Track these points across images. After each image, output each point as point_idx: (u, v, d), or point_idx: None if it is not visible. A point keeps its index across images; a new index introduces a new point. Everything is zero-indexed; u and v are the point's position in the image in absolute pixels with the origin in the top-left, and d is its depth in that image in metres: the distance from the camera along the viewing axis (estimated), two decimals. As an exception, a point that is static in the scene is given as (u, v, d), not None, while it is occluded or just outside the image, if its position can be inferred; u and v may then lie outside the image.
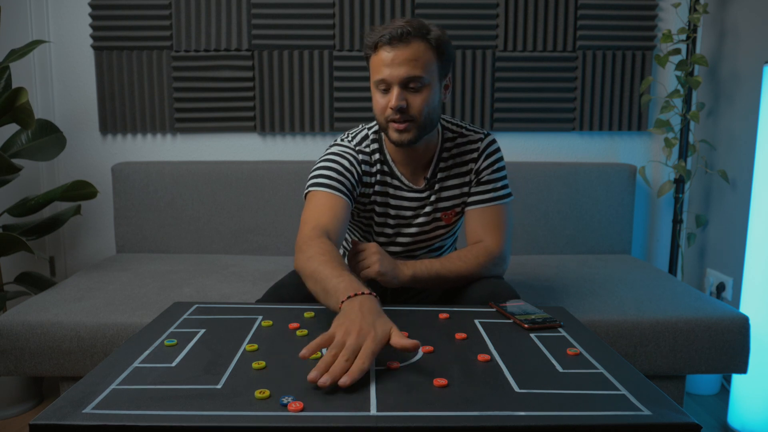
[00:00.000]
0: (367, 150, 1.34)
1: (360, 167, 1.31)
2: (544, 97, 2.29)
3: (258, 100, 2.27)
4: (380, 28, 1.22)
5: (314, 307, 1.19)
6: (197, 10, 2.21)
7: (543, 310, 1.15)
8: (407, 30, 1.18)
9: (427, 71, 1.21)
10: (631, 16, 2.26)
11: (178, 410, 0.74)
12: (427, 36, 1.21)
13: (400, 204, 1.36)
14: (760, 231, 1.71)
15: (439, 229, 1.40)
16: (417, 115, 1.22)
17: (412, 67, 1.19)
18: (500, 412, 0.75)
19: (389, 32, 1.18)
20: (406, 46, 1.18)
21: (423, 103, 1.21)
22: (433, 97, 1.23)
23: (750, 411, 1.73)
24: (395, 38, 1.18)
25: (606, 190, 2.22)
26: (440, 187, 1.35)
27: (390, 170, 1.35)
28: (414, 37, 1.19)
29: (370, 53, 1.24)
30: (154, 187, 2.18)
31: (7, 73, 1.89)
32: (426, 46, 1.20)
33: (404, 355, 0.94)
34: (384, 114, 1.24)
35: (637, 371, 0.89)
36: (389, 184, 1.35)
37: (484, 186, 1.35)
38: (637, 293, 1.73)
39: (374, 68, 1.23)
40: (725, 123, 2.15)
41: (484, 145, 1.36)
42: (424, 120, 1.23)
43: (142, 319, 1.54)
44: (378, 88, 1.23)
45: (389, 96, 1.22)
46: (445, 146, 1.36)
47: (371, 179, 1.34)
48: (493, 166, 1.36)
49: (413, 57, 1.19)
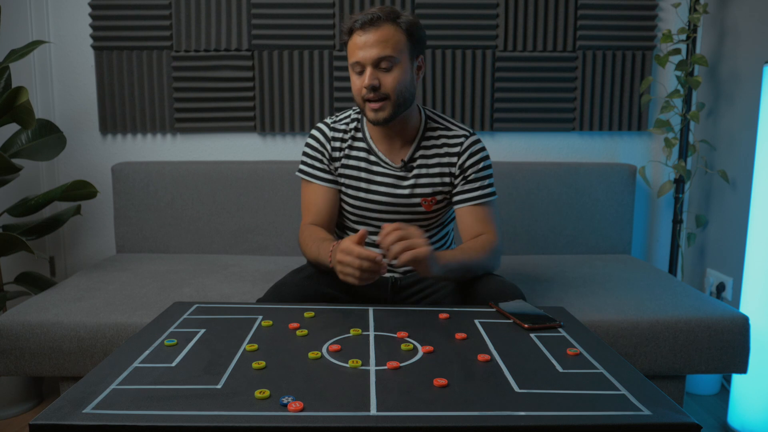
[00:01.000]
0: (341, 127, 1.46)
1: (330, 144, 1.45)
2: (544, 97, 2.29)
3: (258, 100, 2.27)
4: (356, 15, 1.32)
5: (314, 307, 1.19)
6: (197, 10, 2.21)
7: (543, 310, 1.16)
8: (377, 15, 1.29)
9: (397, 51, 1.30)
10: (631, 16, 2.26)
11: (178, 410, 0.74)
12: (397, 20, 1.31)
13: (374, 179, 1.42)
14: (760, 231, 1.71)
15: (419, 214, 1.44)
16: (390, 92, 1.31)
17: (383, 47, 1.29)
18: (500, 412, 0.75)
19: (361, 18, 1.29)
20: (376, 29, 1.29)
21: (395, 81, 1.31)
22: (404, 75, 1.32)
23: (750, 411, 1.73)
24: (366, 23, 1.29)
25: (606, 190, 2.22)
26: (418, 173, 1.42)
27: (368, 146, 1.43)
28: (384, 21, 1.29)
29: (346, 39, 1.34)
30: (154, 187, 2.18)
31: (7, 73, 1.90)
32: (396, 29, 1.30)
33: (404, 355, 0.94)
34: (360, 94, 1.33)
35: (637, 371, 0.89)
36: (364, 159, 1.43)
37: (472, 184, 1.42)
38: (637, 293, 1.73)
39: (350, 52, 1.33)
40: (725, 123, 2.15)
41: (468, 143, 1.43)
42: (397, 97, 1.32)
43: (142, 319, 1.54)
44: (354, 70, 1.33)
45: (363, 76, 1.31)
46: (427, 134, 1.44)
47: (340, 153, 1.44)
48: (479, 165, 1.42)
49: (383, 38, 1.29)
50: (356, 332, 1.04)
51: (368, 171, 1.43)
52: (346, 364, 0.90)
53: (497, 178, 2.18)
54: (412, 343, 0.99)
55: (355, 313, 1.15)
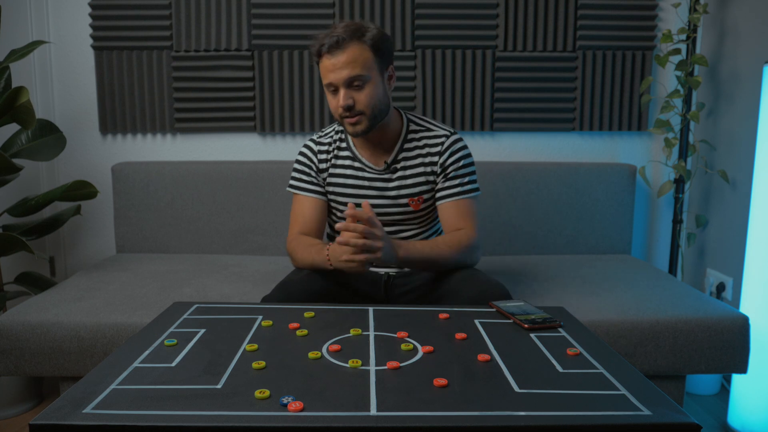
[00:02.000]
0: (326, 140, 1.52)
1: (317, 156, 1.51)
2: (544, 97, 2.29)
3: (258, 100, 2.27)
4: (321, 35, 1.36)
5: (314, 307, 1.19)
6: (197, 10, 2.21)
7: (543, 310, 1.16)
8: (342, 36, 1.33)
9: (366, 68, 1.35)
10: (631, 16, 2.26)
11: (178, 410, 0.74)
12: (362, 38, 1.34)
13: (360, 183, 1.48)
14: (760, 231, 1.71)
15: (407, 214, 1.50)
16: (365, 108, 1.36)
17: (352, 68, 1.33)
18: (500, 412, 0.75)
19: (327, 41, 1.33)
20: (342, 51, 1.33)
21: (367, 97, 1.36)
22: (376, 90, 1.37)
23: (750, 411, 1.73)
24: (332, 46, 1.33)
25: (606, 190, 2.22)
26: (402, 175, 1.47)
27: (353, 154, 1.49)
28: (349, 41, 1.33)
29: (316, 60, 1.39)
30: (154, 187, 2.18)
31: (7, 73, 1.90)
32: (362, 47, 1.34)
33: (404, 355, 0.94)
34: (337, 112, 1.38)
35: (637, 371, 0.89)
36: (349, 166, 1.49)
37: (452, 181, 1.47)
38: (637, 293, 1.73)
39: (322, 73, 1.38)
40: (725, 123, 2.15)
41: (449, 142, 1.47)
42: (372, 111, 1.37)
43: (142, 319, 1.54)
44: (328, 90, 1.39)
45: (338, 96, 1.36)
46: (409, 137, 1.49)
47: (326, 164, 1.50)
48: (459, 163, 1.47)
49: (351, 59, 1.33)
50: (356, 332, 1.04)
51: (355, 177, 1.48)
52: (346, 364, 0.90)
53: (497, 179, 2.18)
54: (412, 343, 0.99)
55: (355, 313, 1.16)
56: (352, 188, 1.49)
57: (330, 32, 1.35)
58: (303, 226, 1.48)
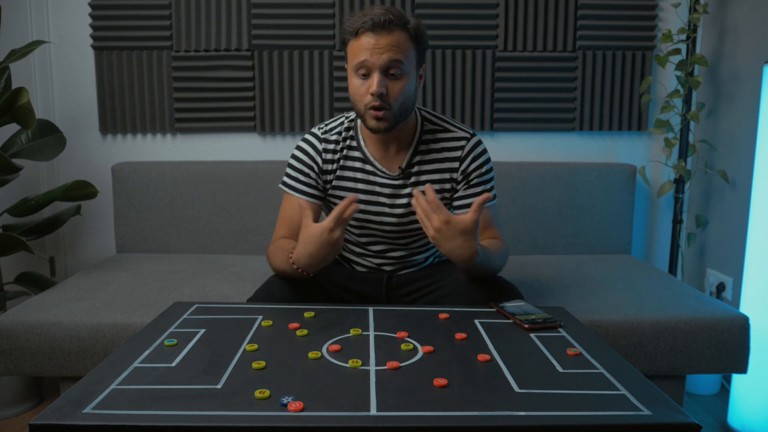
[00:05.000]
0: (333, 138, 1.37)
1: (321, 156, 1.37)
2: (544, 97, 2.29)
3: (258, 100, 2.27)
4: (360, 14, 1.24)
5: (314, 307, 1.19)
6: (197, 10, 2.21)
7: (543, 310, 1.16)
8: (389, 18, 1.21)
9: (407, 58, 1.24)
10: (631, 16, 2.26)
11: (178, 410, 0.74)
12: (407, 25, 1.24)
13: (371, 189, 1.36)
14: (760, 231, 1.71)
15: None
16: (394, 102, 1.24)
17: (395, 52, 1.21)
18: (500, 412, 0.75)
19: (371, 18, 1.21)
20: (388, 33, 1.21)
21: (400, 90, 1.24)
22: (410, 85, 1.26)
23: (750, 411, 1.73)
24: (378, 25, 1.20)
25: (606, 190, 2.22)
26: (417, 180, 1.36)
27: (363, 156, 1.36)
28: (396, 26, 1.22)
29: (350, 38, 1.26)
30: (154, 187, 2.18)
31: (7, 73, 1.90)
32: (406, 35, 1.23)
33: (404, 355, 0.94)
34: (363, 100, 1.25)
35: (637, 371, 0.89)
36: (360, 169, 1.37)
37: (475, 189, 1.37)
38: (637, 293, 1.73)
39: (354, 53, 1.24)
40: (725, 123, 2.15)
41: (470, 146, 1.37)
42: (400, 107, 1.26)
43: (142, 319, 1.54)
44: (357, 72, 1.25)
45: (369, 81, 1.24)
46: (424, 138, 1.37)
47: (332, 166, 1.37)
48: (482, 169, 1.37)
49: (395, 44, 1.22)
50: (356, 332, 1.04)
51: (366, 182, 1.36)
52: (346, 364, 0.90)
53: (497, 179, 2.17)
54: (412, 343, 0.99)
55: (355, 313, 1.15)
56: (363, 194, 1.36)
57: (369, 11, 1.23)
58: (290, 230, 1.36)
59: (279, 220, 1.40)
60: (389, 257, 1.44)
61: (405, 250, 1.44)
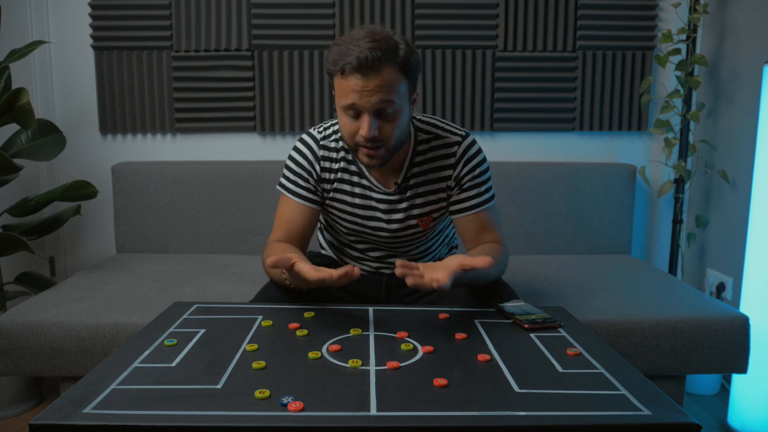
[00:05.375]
0: (332, 144, 1.32)
1: (319, 164, 1.31)
2: (544, 97, 2.29)
3: (258, 100, 2.27)
4: (344, 45, 1.13)
5: (314, 307, 1.19)
6: (197, 10, 2.21)
7: (543, 310, 1.15)
8: (376, 55, 1.10)
9: (398, 95, 1.15)
10: (631, 16, 2.26)
11: (178, 410, 0.74)
12: (396, 59, 1.14)
13: (369, 204, 1.33)
14: (760, 231, 1.71)
15: (417, 234, 1.37)
16: (388, 140, 1.18)
17: (385, 93, 1.13)
18: (500, 412, 0.75)
19: (356, 56, 1.10)
20: (377, 73, 1.12)
21: (394, 129, 1.18)
22: (403, 119, 1.20)
23: (750, 411, 1.73)
24: (365, 65, 1.10)
25: (606, 190, 2.22)
26: (413, 194, 1.32)
27: (360, 171, 1.32)
28: (384, 63, 1.12)
29: (335, 73, 1.15)
30: (154, 187, 2.18)
31: (7, 73, 1.89)
32: (395, 70, 1.14)
33: (404, 355, 0.94)
34: (353, 138, 1.19)
35: (637, 371, 0.89)
36: (357, 183, 1.32)
37: (468, 192, 1.32)
38: (637, 293, 1.73)
39: (342, 92, 1.15)
40: (725, 123, 2.15)
41: (462, 150, 1.31)
42: (395, 142, 1.20)
43: (142, 319, 1.54)
44: (346, 112, 1.17)
45: (359, 122, 1.17)
46: (419, 149, 1.31)
47: (331, 175, 1.32)
48: (475, 171, 1.31)
49: (385, 84, 1.13)
50: (356, 332, 1.04)
51: (363, 196, 1.33)
52: (346, 364, 0.90)
53: (497, 179, 2.18)
54: (412, 343, 0.99)
55: (355, 313, 1.15)
56: (360, 208, 1.34)
57: (355, 43, 1.12)
58: (287, 234, 1.32)
59: (276, 222, 1.36)
60: (388, 262, 1.44)
61: (405, 256, 1.44)
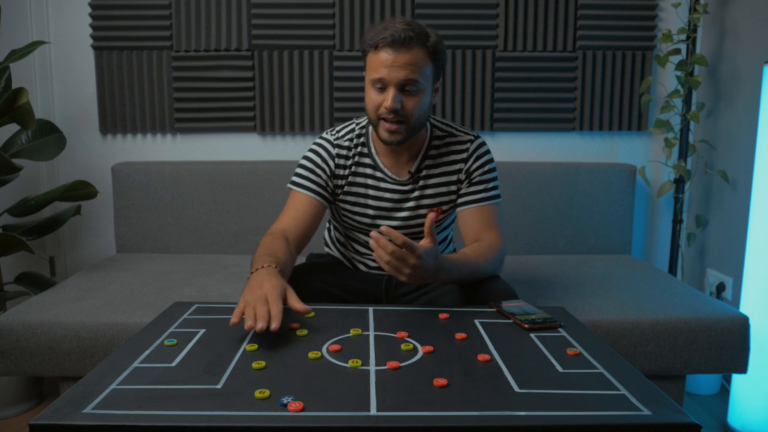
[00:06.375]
0: (345, 143, 1.39)
1: (334, 161, 1.38)
2: (544, 97, 2.29)
3: (258, 100, 2.27)
4: (381, 26, 1.25)
5: (314, 306, 1.19)
6: (197, 10, 2.21)
7: (543, 310, 1.15)
8: (409, 35, 1.21)
9: (423, 76, 1.25)
10: (631, 16, 2.26)
11: (178, 410, 0.74)
12: (427, 42, 1.25)
13: (381, 195, 1.39)
14: (760, 231, 1.71)
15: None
16: (409, 116, 1.27)
17: (411, 71, 1.23)
18: (500, 412, 0.75)
19: (391, 34, 1.21)
20: (407, 50, 1.22)
21: (416, 106, 1.26)
22: (425, 100, 1.28)
23: (750, 411, 1.73)
24: (397, 41, 1.21)
25: (606, 190, 2.22)
26: (425, 184, 1.39)
27: (374, 162, 1.39)
28: (415, 43, 1.23)
29: (369, 50, 1.27)
30: (154, 187, 2.18)
31: (7, 73, 1.89)
32: (424, 53, 1.25)
33: (404, 355, 0.94)
34: (377, 111, 1.28)
35: (637, 371, 0.89)
36: (370, 175, 1.39)
37: (476, 186, 1.39)
38: (637, 293, 1.73)
39: (372, 66, 1.26)
40: (725, 123, 2.15)
41: (474, 147, 1.40)
42: (415, 122, 1.28)
43: (142, 319, 1.54)
44: (374, 85, 1.27)
45: (384, 95, 1.26)
46: (433, 144, 1.40)
47: (345, 171, 1.39)
48: (484, 167, 1.40)
49: (412, 62, 1.23)
50: (356, 332, 1.04)
51: (375, 188, 1.39)
52: (346, 364, 0.90)
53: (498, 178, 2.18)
54: (412, 343, 0.99)
55: (355, 313, 1.15)
56: (372, 199, 1.39)
57: (391, 25, 1.23)
58: (291, 225, 1.33)
59: (283, 212, 1.37)
60: None
61: None
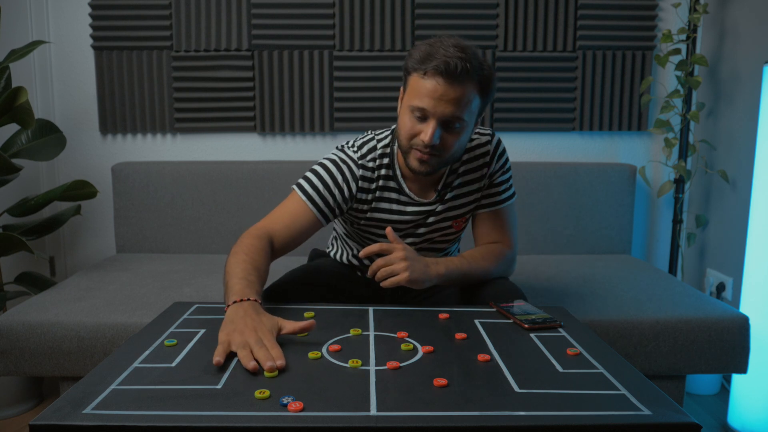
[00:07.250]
0: (369, 164, 1.28)
1: (357, 183, 1.27)
2: (544, 97, 2.29)
3: (258, 100, 2.27)
4: (432, 47, 1.12)
5: (314, 307, 1.19)
6: (197, 10, 2.21)
7: (543, 310, 1.15)
8: (465, 66, 1.09)
9: (469, 113, 1.15)
10: (631, 16, 2.26)
11: (178, 410, 0.74)
12: (480, 76, 1.13)
13: (404, 218, 1.32)
14: (760, 231, 1.71)
15: (449, 235, 1.38)
16: (446, 152, 1.17)
17: (460, 108, 1.12)
18: (500, 412, 0.75)
19: (445, 62, 1.09)
20: (459, 84, 1.10)
21: (456, 143, 1.17)
22: (466, 135, 1.19)
23: (750, 411, 1.73)
24: (451, 73, 1.09)
25: (606, 190, 2.22)
26: (453, 196, 1.32)
27: (399, 187, 1.29)
28: (469, 78, 1.11)
29: (414, 72, 1.13)
30: (154, 187, 2.18)
31: (7, 73, 1.89)
32: (476, 87, 1.14)
33: (404, 355, 0.94)
34: (411, 140, 1.17)
35: (637, 371, 0.89)
36: (395, 200, 1.30)
37: (496, 188, 1.34)
38: (637, 293, 1.73)
39: (415, 92, 1.13)
40: (725, 123, 2.15)
41: (493, 147, 1.32)
42: (449, 157, 1.20)
43: (142, 319, 1.54)
44: (413, 112, 1.15)
45: (424, 127, 1.14)
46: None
47: (368, 196, 1.29)
48: (504, 167, 1.34)
49: (462, 97, 1.11)
50: (356, 332, 1.04)
51: (400, 212, 1.31)
52: (346, 364, 0.90)
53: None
54: (412, 343, 0.99)
55: (355, 313, 1.15)
56: (396, 223, 1.31)
57: (444, 48, 1.10)
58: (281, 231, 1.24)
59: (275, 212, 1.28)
60: None
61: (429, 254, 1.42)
